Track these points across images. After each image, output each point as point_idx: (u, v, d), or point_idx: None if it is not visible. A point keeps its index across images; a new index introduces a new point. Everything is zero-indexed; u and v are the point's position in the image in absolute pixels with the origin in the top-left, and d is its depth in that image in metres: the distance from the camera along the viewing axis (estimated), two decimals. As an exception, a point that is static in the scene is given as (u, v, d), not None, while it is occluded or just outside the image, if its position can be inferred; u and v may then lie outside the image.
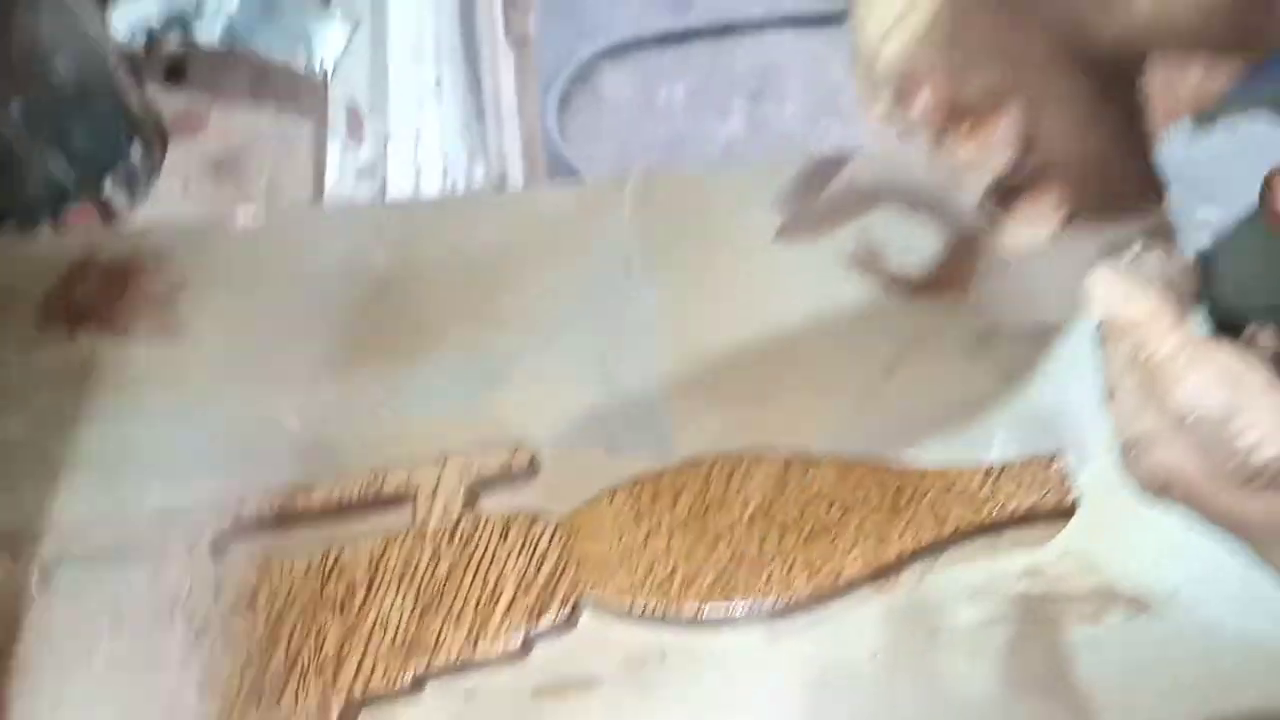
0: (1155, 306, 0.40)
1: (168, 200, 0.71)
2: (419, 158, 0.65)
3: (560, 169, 1.43)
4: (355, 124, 0.67)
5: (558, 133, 1.49)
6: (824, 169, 0.56)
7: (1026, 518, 0.45)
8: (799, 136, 1.53)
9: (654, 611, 0.46)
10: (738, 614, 0.45)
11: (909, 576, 0.46)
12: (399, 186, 0.64)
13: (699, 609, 0.45)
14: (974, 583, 0.46)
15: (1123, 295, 0.41)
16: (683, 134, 1.56)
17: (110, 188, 0.69)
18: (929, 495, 0.45)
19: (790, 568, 0.45)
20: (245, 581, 0.48)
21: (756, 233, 0.56)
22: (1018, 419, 0.49)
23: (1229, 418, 0.38)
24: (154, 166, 0.71)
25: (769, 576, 0.45)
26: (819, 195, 0.56)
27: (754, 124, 1.56)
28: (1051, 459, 0.46)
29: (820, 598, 0.45)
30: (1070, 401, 0.49)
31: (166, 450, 0.53)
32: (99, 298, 0.59)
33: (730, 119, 1.57)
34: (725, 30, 1.59)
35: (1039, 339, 0.51)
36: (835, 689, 0.45)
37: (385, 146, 0.66)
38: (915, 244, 0.54)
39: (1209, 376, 0.38)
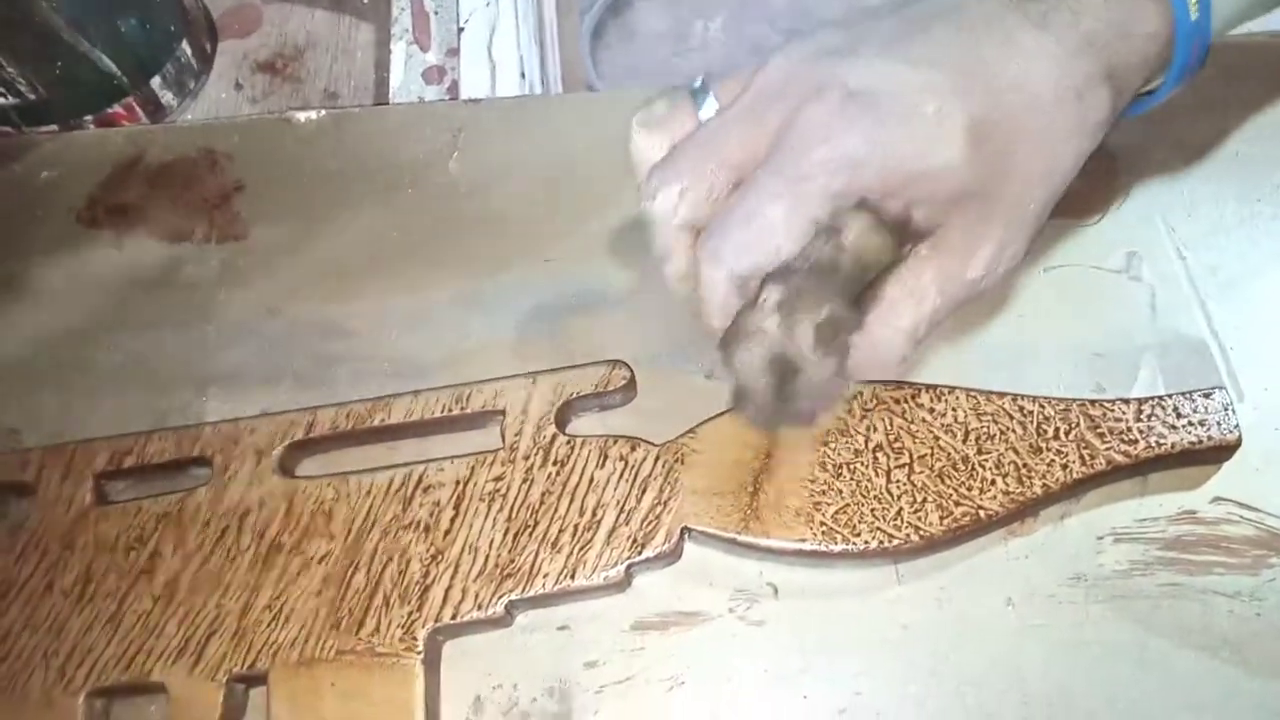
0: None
1: (217, 103, 0.67)
2: (494, 61, 0.60)
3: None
4: (421, 23, 0.63)
5: (591, 65, 1.44)
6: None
7: (1182, 456, 0.41)
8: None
9: (766, 545, 0.42)
10: (862, 551, 0.42)
11: (1048, 517, 0.43)
12: (471, 93, 0.60)
13: (818, 544, 0.42)
14: (1119, 526, 0.42)
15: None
16: (716, 70, 1.51)
17: (159, 86, 0.65)
18: (1076, 429, 0.42)
19: (922, 503, 0.41)
20: (320, 499, 0.45)
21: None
22: (1167, 347, 0.45)
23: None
24: (204, 66, 0.67)
25: (899, 512, 0.41)
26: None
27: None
28: (1212, 391, 0.42)
29: (954, 537, 0.42)
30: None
31: (224, 359, 0.50)
32: (147, 200, 0.55)
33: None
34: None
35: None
36: (967, 636, 0.42)
37: (456, 48, 0.61)
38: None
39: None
